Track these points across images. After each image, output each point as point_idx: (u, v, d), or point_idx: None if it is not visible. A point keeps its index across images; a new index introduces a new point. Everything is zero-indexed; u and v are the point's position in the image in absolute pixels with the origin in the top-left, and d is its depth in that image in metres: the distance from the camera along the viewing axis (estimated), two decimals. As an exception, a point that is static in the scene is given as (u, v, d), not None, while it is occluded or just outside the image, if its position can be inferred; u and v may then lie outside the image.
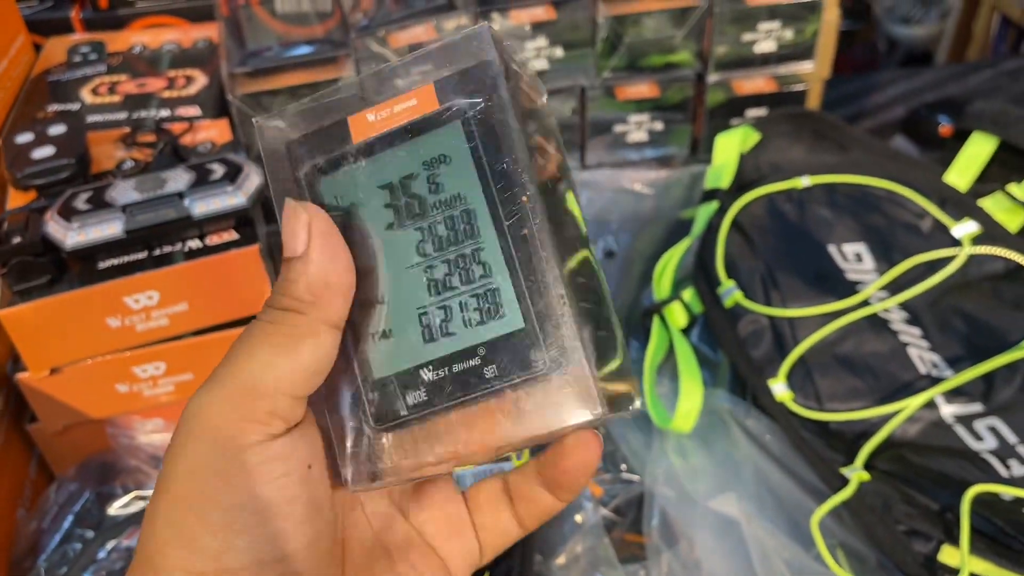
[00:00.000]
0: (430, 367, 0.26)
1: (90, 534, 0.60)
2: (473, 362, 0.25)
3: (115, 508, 0.62)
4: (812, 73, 0.80)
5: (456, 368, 0.25)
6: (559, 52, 0.78)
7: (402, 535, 0.28)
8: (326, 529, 0.25)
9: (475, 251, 0.25)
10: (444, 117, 0.26)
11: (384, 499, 0.28)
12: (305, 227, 0.24)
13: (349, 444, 0.26)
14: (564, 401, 0.24)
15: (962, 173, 0.66)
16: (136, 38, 0.85)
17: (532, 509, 0.28)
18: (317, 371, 0.24)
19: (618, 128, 0.82)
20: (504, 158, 0.25)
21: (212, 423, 0.23)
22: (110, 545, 0.59)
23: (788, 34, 0.78)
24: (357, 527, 0.27)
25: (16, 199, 0.65)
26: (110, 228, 0.57)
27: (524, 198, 0.25)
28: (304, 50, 0.77)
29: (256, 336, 0.24)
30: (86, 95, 0.77)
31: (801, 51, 0.79)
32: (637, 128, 0.82)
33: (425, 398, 0.26)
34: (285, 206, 0.25)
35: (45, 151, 0.64)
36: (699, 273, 0.66)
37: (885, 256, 0.62)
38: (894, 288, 0.60)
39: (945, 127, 0.84)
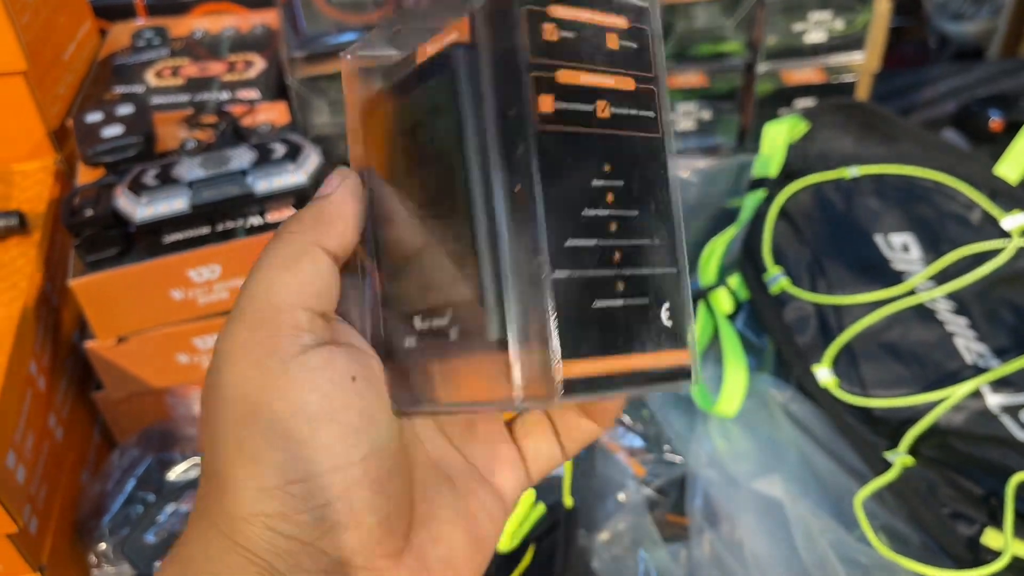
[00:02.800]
0: (420, 316, 0.26)
1: (151, 497, 0.63)
2: (443, 321, 0.25)
3: (175, 473, 0.64)
4: (862, 64, 0.80)
5: (435, 324, 0.25)
6: (609, 41, 0.79)
7: (459, 466, 0.29)
8: (386, 444, 0.25)
9: (451, 210, 0.24)
10: (445, 59, 0.24)
11: (440, 436, 0.29)
12: (340, 179, 0.27)
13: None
14: (491, 376, 0.23)
15: (1013, 166, 0.66)
16: (197, 24, 0.88)
17: (574, 435, 0.30)
18: (322, 288, 0.25)
19: (666, 117, 0.83)
20: (488, 108, 0.23)
21: (246, 346, 0.24)
22: (170, 508, 0.62)
23: (839, 25, 0.78)
24: (419, 459, 0.29)
25: (86, 175, 0.68)
26: (177, 203, 0.60)
27: (520, 145, 0.23)
28: (359, 35, 0.79)
29: (262, 261, 0.26)
30: (150, 78, 0.79)
31: (851, 42, 0.79)
32: (685, 117, 0.83)
33: (414, 346, 0.26)
34: (338, 169, 0.27)
35: (114, 130, 0.67)
36: (746, 260, 0.66)
37: (933, 247, 0.63)
38: (941, 278, 0.60)
39: (996, 121, 0.83)
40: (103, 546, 0.61)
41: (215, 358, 0.25)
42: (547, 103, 0.23)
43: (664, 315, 0.24)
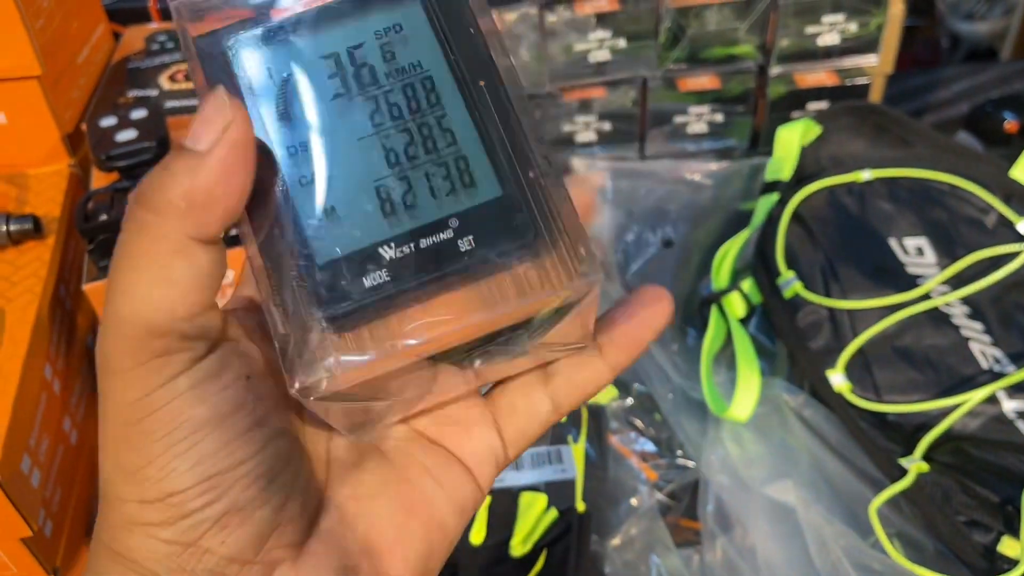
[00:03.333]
0: (392, 244, 0.23)
1: (165, 500, 0.63)
2: (444, 235, 0.23)
3: (188, 477, 0.64)
4: (875, 67, 0.80)
5: (424, 243, 0.23)
6: (622, 43, 0.79)
7: (400, 434, 0.26)
8: (279, 436, 0.24)
9: (439, 119, 0.24)
10: None
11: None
12: (222, 126, 0.21)
13: (291, 344, 0.23)
14: (560, 268, 0.23)
15: (1029, 169, 0.65)
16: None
17: (575, 380, 0.26)
18: (202, 285, 0.22)
19: (678, 119, 0.83)
20: (467, 30, 0.25)
21: (126, 367, 0.22)
22: (183, 511, 0.62)
23: (852, 27, 0.78)
24: (320, 447, 0.26)
25: (100, 179, 0.68)
26: (190, 208, 0.60)
27: (495, 70, 0.24)
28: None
29: (127, 262, 0.22)
30: (164, 82, 0.80)
31: (865, 45, 0.79)
32: (697, 120, 0.83)
33: (387, 279, 0.23)
34: (214, 94, 0.22)
35: (128, 134, 0.67)
36: (759, 264, 0.66)
37: (947, 251, 0.62)
38: (956, 283, 0.60)
39: (1011, 123, 0.83)
40: (117, 549, 0.62)
41: (101, 367, 0.23)
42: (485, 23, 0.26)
43: None
